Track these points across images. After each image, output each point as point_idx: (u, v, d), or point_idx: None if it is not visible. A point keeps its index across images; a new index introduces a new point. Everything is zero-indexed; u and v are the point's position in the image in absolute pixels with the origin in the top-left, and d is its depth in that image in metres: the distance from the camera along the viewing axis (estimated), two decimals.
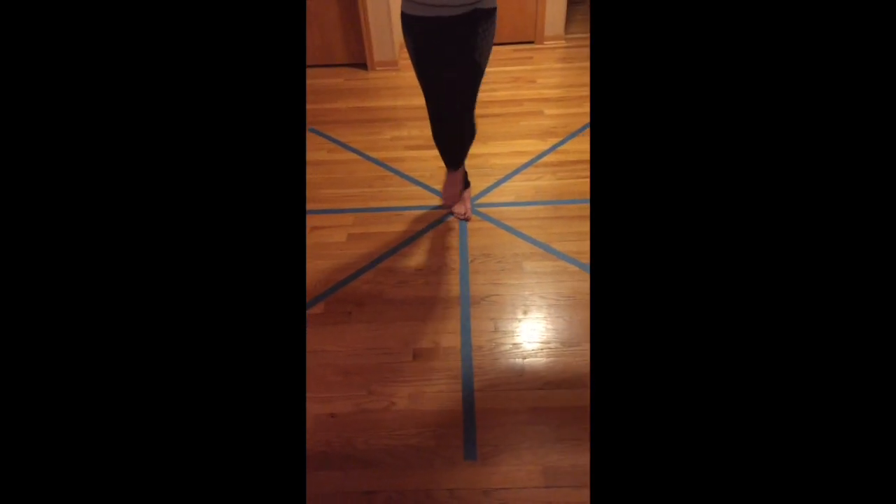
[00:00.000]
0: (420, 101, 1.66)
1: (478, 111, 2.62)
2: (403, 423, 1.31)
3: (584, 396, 1.34)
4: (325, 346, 1.50)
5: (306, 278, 1.72)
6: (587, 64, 3.02)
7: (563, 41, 3.29)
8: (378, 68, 3.06)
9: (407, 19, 1.48)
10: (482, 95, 2.74)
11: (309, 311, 1.62)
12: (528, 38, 3.28)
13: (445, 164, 1.85)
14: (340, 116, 2.65)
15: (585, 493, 1.15)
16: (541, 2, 3.13)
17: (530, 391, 1.36)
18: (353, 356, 1.47)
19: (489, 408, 1.33)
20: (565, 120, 2.50)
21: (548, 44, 3.28)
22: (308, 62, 3.18)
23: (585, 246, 1.78)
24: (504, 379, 1.39)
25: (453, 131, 1.71)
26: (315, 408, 1.35)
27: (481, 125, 2.51)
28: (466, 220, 1.91)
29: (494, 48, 3.20)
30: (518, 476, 1.19)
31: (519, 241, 1.82)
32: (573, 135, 2.39)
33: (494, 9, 1.47)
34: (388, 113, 2.66)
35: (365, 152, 2.35)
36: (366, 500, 1.16)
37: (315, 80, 3.05)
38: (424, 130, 1.67)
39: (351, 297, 1.65)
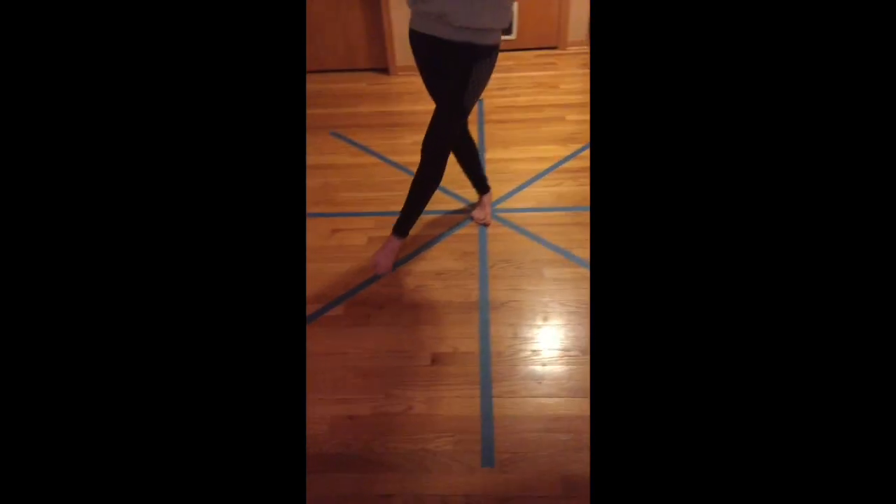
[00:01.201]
0: None
1: (499, 116, 2.63)
2: (421, 428, 1.31)
3: None
4: (344, 348, 1.51)
5: (306, 283, 1.74)
6: None
7: (587, 46, 3.28)
8: (400, 73, 3.09)
9: (410, 35, 1.50)
10: (503, 101, 2.75)
11: (329, 314, 1.63)
12: (552, 43, 3.28)
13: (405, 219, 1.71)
14: (362, 121, 2.68)
15: None
16: (564, 7, 3.12)
17: (549, 398, 1.35)
18: (373, 359, 1.48)
19: (508, 414, 1.32)
20: (587, 126, 2.48)
21: (571, 49, 3.27)
22: (331, 66, 3.22)
23: None
24: (523, 385, 1.38)
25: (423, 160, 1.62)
26: (334, 409, 1.36)
27: (502, 130, 2.51)
28: (486, 225, 1.91)
29: (517, 54, 3.21)
30: (536, 485, 1.18)
31: (539, 246, 1.81)
32: None
33: (495, 46, 1.42)
34: (409, 118, 2.68)
35: (386, 156, 2.37)
36: (383, 503, 1.17)
37: (338, 84, 3.09)
38: None
39: (371, 300, 1.66)
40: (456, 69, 1.42)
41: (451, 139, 1.59)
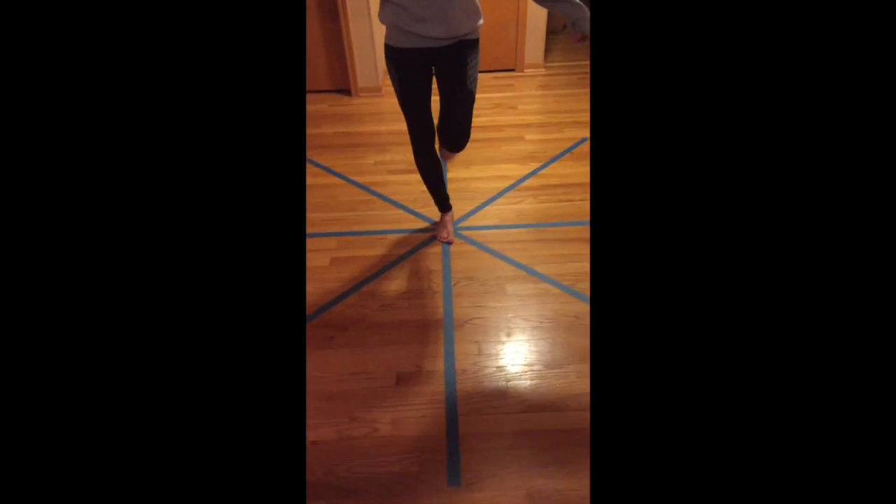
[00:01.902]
0: (404, 126, 1.69)
1: None
2: (386, 450, 1.29)
3: (567, 419, 1.34)
4: (308, 371, 1.49)
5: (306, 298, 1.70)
6: (566, 91, 3.11)
7: (543, 69, 3.39)
8: (362, 94, 3.11)
9: (391, 52, 1.48)
10: None
11: None
12: (509, 65, 3.38)
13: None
14: (325, 141, 2.68)
15: None
16: (521, 31, 3.24)
17: (514, 414, 1.36)
18: (336, 381, 1.46)
19: (473, 432, 1.32)
20: (545, 145, 2.56)
21: (528, 71, 3.37)
22: None
23: (567, 268, 1.80)
24: (488, 403, 1.39)
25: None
26: None
27: (463, 150, 2.55)
28: (449, 243, 1.93)
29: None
30: (502, 501, 1.18)
31: (502, 263, 1.84)
32: (553, 159, 2.45)
33: (478, 39, 1.52)
34: (372, 138, 2.69)
35: (349, 177, 2.37)
36: None
37: None
38: (408, 155, 1.71)
39: (334, 321, 1.64)
40: (454, 65, 1.49)
41: (469, 125, 1.69)
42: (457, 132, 1.69)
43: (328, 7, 2.89)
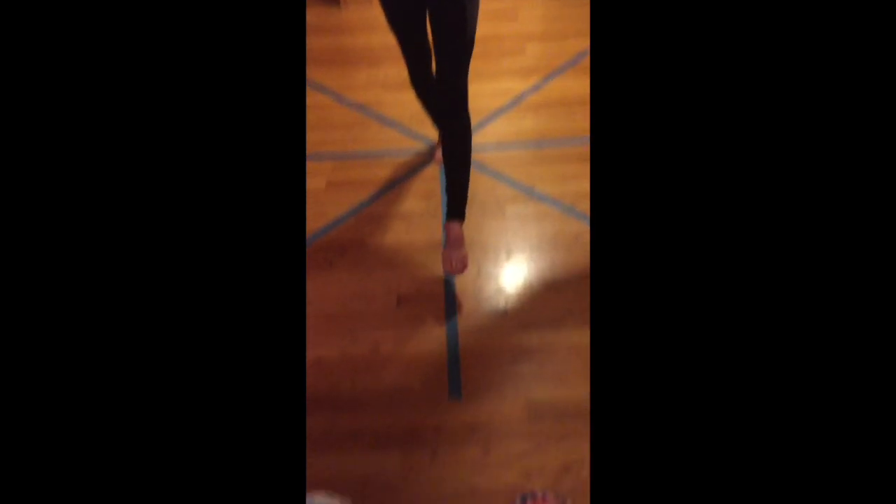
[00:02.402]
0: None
1: None
2: (389, 367, 1.33)
3: (564, 334, 1.38)
4: (308, 294, 1.50)
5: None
6: None
7: None
8: (350, 3, 2.88)
9: None
10: None
11: None
12: None
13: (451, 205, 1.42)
14: (312, 56, 2.52)
15: (567, 425, 1.21)
16: None
17: (513, 331, 1.39)
18: (337, 303, 1.48)
19: (473, 348, 1.36)
20: (548, 58, 2.41)
21: None
22: None
23: (568, 188, 1.77)
24: (488, 321, 1.42)
25: (443, 107, 1.42)
26: None
27: None
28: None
29: None
30: (502, 411, 1.24)
31: (500, 184, 1.80)
32: (556, 73, 2.32)
33: None
34: (362, 52, 2.54)
35: (341, 94, 2.25)
36: (354, 439, 1.20)
37: None
38: (402, 70, 1.61)
39: (333, 244, 1.63)
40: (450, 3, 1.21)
41: (466, 81, 1.34)
42: (451, 93, 1.33)
43: None
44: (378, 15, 1.42)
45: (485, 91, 2.23)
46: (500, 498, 1.11)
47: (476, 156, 1.92)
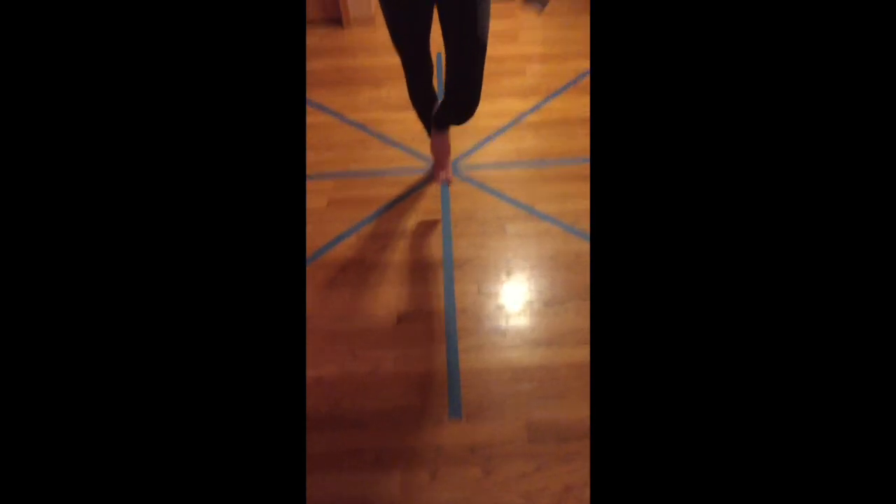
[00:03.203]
0: (399, 59, 1.60)
1: None
2: (389, 385, 1.33)
3: (564, 354, 1.37)
4: (309, 311, 1.50)
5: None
6: (571, 19, 2.94)
7: None
8: (354, 25, 2.94)
9: None
10: None
11: None
12: None
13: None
14: (316, 78, 2.56)
15: (568, 445, 1.20)
16: None
17: (514, 350, 1.39)
18: (338, 321, 1.48)
19: (473, 368, 1.35)
20: (548, 78, 2.45)
21: None
22: None
23: (568, 206, 1.78)
24: (488, 339, 1.42)
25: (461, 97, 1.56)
26: None
27: None
28: (448, 182, 1.89)
29: None
30: (502, 432, 1.23)
31: (501, 203, 1.81)
32: (556, 93, 2.35)
33: None
34: (365, 73, 2.58)
35: (343, 114, 2.29)
36: (354, 458, 1.19)
37: None
38: (403, 91, 1.63)
39: (334, 262, 1.64)
40: (459, 7, 1.28)
41: (482, 74, 1.48)
42: (467, 96, 1.47)
43: None
44: (380, 37, 1.45)
45: (486, 111, 2.26)
46: None
47: (477, 174, 1.94)
